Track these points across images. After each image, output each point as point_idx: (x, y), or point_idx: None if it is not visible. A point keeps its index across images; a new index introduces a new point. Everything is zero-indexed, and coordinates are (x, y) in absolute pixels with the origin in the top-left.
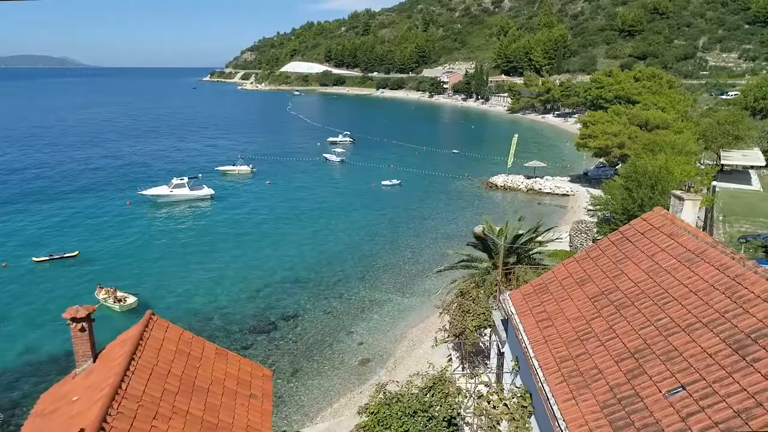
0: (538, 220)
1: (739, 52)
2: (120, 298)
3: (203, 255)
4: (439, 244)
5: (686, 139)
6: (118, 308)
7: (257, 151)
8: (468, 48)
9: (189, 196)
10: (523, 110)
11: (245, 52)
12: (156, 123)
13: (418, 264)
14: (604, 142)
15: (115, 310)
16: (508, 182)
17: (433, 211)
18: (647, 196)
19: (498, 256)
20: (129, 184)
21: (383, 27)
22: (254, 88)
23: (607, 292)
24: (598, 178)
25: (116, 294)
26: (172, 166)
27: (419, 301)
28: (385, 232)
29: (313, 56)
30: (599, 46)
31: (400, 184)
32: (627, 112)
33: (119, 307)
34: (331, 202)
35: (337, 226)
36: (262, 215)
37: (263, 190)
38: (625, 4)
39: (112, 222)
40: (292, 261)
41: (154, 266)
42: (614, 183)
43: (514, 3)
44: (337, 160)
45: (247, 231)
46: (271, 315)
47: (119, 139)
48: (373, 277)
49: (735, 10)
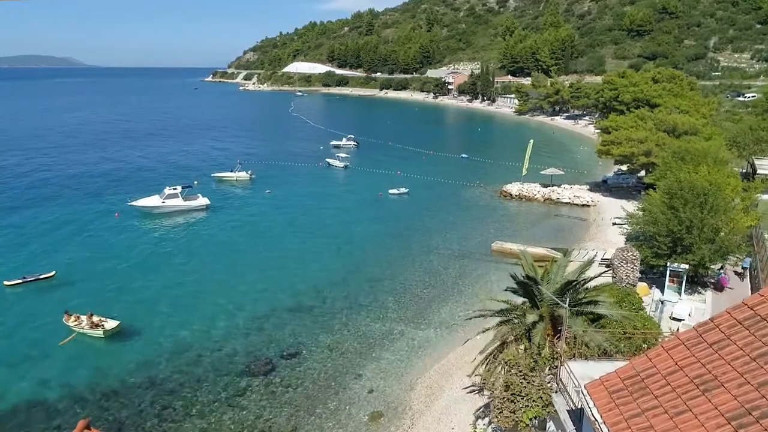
0: (585, 260)
1: (752, 52)
2: (97, 323)
3: (195, 275)
4: (455, 263)
5: (718, 147)
6: (102, 334)
7: (257, 156)
8: (473, 48)
9: (182, 206)
10: (531, 112)
11: (247, 53)
12: (154, 125)
13: (431, 287)
14: (629, 150)
15: (100, 336)
16: (523, 191)
17: (445, 223)
18: (696, 216)
19: (544, 304)
20: (119, 194)
21: (387, 27)
22: (256, 88)
23: (753, 410)
24: (619, 186)
25: (92, 319)
26: (167, 172)
27: (436, 335)
28: (394, 250)
29: (315, 56)
30: (607, 46)
31: (408, 193)
32: (653, 116)
33: (103, 332)
34: (335, 214)
35: (342, 242)
36: (261, 229)
37: (262, 199)
38: (633, 4)
39: (97, 237)
40: (292, 284)
41: (140, 287)
42: (653, 198)
43: (519, 3)
44: (340, 166)
45: (244, 247)
46: (269, 352)
47: (112, 143)
48: (382, 303)
49: (746, 10)
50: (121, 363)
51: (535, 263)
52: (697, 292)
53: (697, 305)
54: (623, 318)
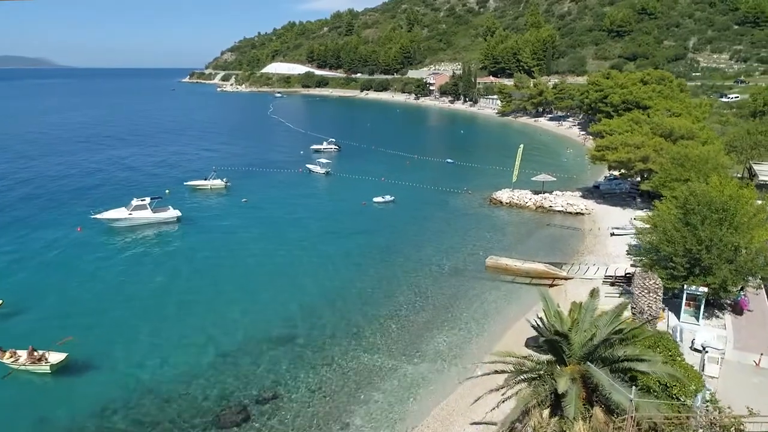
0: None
1: (730, 53)
2: (39, 357)
3: (162, 298)
4: (447, 281)
5: (717, 152)
6: (48, 369)
7: (234, 162)
8: (454, 49)
9: (151, 219)
10: (514, 113)
11: (225, 53)
12: (126, 129)
13: (423, 311)
14: (626, 155)
15: (46, 372)
16: (514, 198)
17: (434, 235)
18: (716, 235)
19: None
20: (82, 206)
21: (367, 27)
22: (234, 89)
23: None
24: (612, 192)
25: (33, 354)
26: (137, 181)
27: (431, 370)
28: (381, 266)
29: (295, 57)
30: (588, 46)
31: (394, 201)
32: (648, 120)
33: (50, 367)
34: (317, 225)
35: (325, 259)
36: (236, 244)
37: (238, 210)
38: (612, 4)
39: (55, 255)
40: (269, 309)
41: (99, 313)
42: (663, 212)
43: (499, 3)
44: (322, 172)
45: (217, 266)
46: (243, 395)
47: (78, 148)
48: (369, 332)
49: (724, 11)
50: (68, 405)
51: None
52: (715, 315)
53: (717, 332)
54: (672, 378)
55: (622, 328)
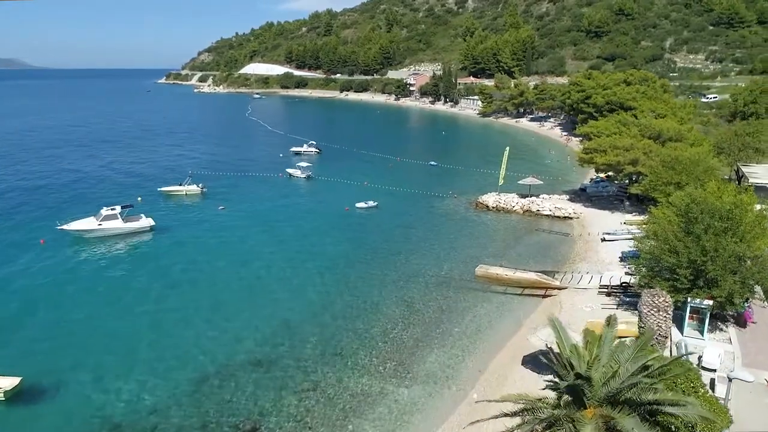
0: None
1: (706, 53)
2: None
3: (132, 316)
4: (436, 293)
5: (706, 154)
6: (2, 396)
7: (211, 166)
8: (433, 49)
9: (122, 229)
10: (495, 114)
11: (202, 53)
12: (98, 133)
13: (412, 327)
14: (615, 158)
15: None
16: (500, 202)
17: (420, 242)
18: (720, 244)
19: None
20: (47, 216)
21: (345, 27)
22: (212, 90)
23: None
24: (599, 195)
25: None
26: (107, 188)
27: (423, 393)
28: (366, 277)
29: (273, 57)
30: (567, 47)
31: (377, 207)
32: (637, 122)
33: (3, 394)
34: (298, 233)
35: (307, 270)
36: (212, 256)
37: (215, 217)
38: (590, 5)
39: (15, 270)
40: (250, 329)
41: (61, 334)
42: (661, 219)
43: (478, 3)
44: (302, 176)
45: (192, 279)
46: (221, 425)
47: (46, 154)
48: (356, 351)
49: (699, 12)
50: None
51: (534, 293)
52: (718, 329)
53: (724, 347)
54: (704, 420)
55: (649, 365)
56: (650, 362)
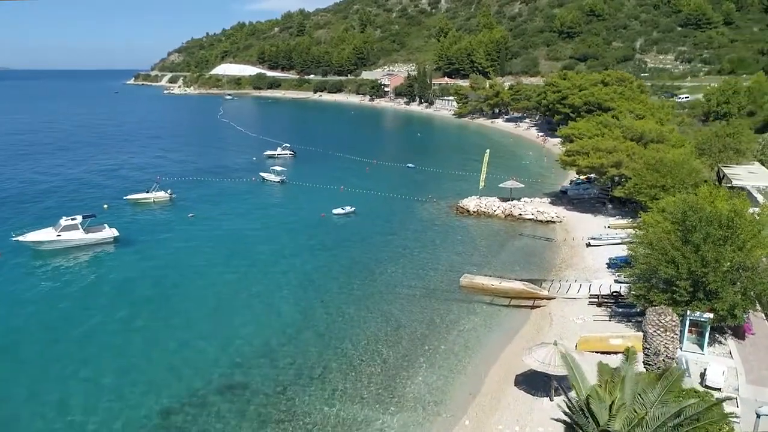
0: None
1: (675, 53)
2: None
3: (89, 341)
4: (419, 306)
5: (688, 155)
6: None
7: (180, 171)
8: (407, 49)
9: (84, 240)
10: (471, 114)
11: (172, 54)
12: (61, 137)
13: (396, 345)
14: (598, 161)
15: None
16: (481, 206)
17: (401, 251)
18: (721, 255)
19: None
20: (2, 226)
21: (319, 28)
22: (182, 91)
23: None
24: (580, 197)
25: None
26: (69, 196)
27: (410, 422)
28: (345, 290)
29: (245, 58)
30: (540, 47)
31: (355, 212)
32: (618, 123)
33: None
34: (272, 242)
35: (282, 283)
36: (181, 269)
37: (184, 226)
38: (561, 6)
39: None
40: (219, 350)
41: (9, 359)
42: (655, 226)
43: (451, 4)
44: (276, 180)
45: (157, 296)
46: None
47: (3, 160)
48: (336, 374)
49: (667, 13)
50: None
51: (522, 304)
52: (717, 341)
53: (725, 362)
54: None
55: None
56: (684, 408)
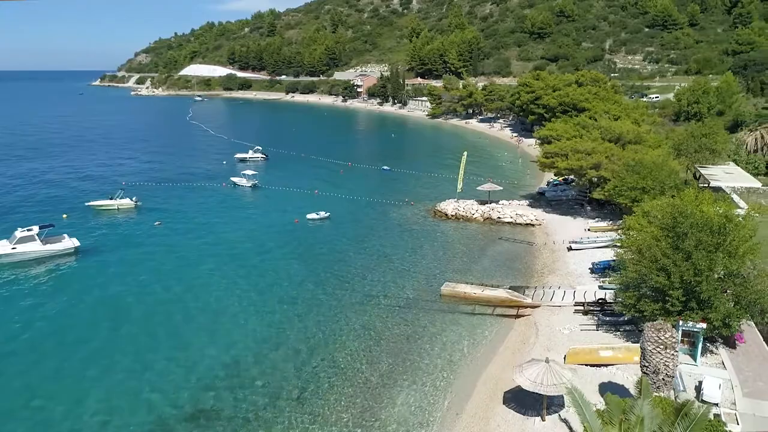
0: None
1: (643, 54)
2: None
3: (45, 363)
4: (399, 318)
5: (666, 156)
6: None
7: (147, 176)
8: (379, 50)
9: (41, 252)
10: (445, 115)
11: (139, 54)
12: (19, 141)
13: (376, 363)
14: (577, 163)
15: None
16: (459, 210)
17: (379, 258)
18: (714, 262)
19: None
20: None
21: (290, 28)
22: (150, 93)
23: None
24: (558, 199)
25: None
26: (27, 204)
27: None
28: (321, 302)
29: (215, 58)
30: (511, 48)
31: (330, 218)
32: (596, 125)
33: None
34: (243, 251)
35: (254, 295)
36: (145, 281)
37: (150, 234)
38: (531, 7)
39: None
40: (184, 372)
41: None
42: (641, 230)
43: (422, 4)
44: (248, 185)
45: (119, 312)
46: None
47: None
48: (314, 395)
49: (635, 14)
50: None
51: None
52: (708, 351)
53: (719, 373)
54: None
55: None
56: None
